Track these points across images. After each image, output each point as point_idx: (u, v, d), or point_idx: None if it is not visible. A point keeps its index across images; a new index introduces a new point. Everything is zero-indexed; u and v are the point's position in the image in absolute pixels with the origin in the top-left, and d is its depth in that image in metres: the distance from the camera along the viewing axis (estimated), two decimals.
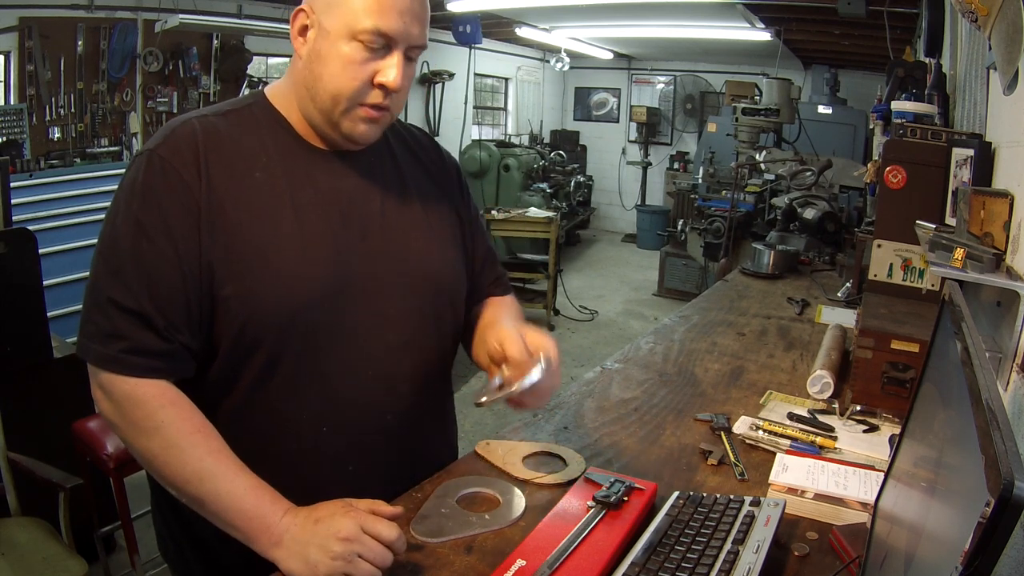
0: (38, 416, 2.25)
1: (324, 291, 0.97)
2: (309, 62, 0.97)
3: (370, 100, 0.97)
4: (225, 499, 0.89)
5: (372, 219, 1.04)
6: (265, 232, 0.95)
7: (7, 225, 2.66)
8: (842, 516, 1.05)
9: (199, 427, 0.92)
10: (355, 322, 1.00)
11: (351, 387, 1.01)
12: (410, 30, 0.96)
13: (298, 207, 0.98)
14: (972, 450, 0.51)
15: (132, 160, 0.97)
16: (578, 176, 8.38)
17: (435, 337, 1.11)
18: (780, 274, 2.76)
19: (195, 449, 0.90)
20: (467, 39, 6.19)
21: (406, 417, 1.07)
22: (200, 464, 0.89)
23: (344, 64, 0.94)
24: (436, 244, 1.11)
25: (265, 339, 0.95)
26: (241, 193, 0.95)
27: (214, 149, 0.96)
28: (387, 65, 0.95)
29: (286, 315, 0.95)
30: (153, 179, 0.93)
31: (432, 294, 1.09)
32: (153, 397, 0.90)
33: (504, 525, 1.00)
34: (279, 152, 1.00)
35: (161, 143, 0.95)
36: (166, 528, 1.12)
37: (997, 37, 1.40)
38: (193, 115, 1.00)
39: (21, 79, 4.24)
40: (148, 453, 0.91)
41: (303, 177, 1.00)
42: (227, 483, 0.90)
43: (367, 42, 0.93)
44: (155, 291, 0.90)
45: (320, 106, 0.98)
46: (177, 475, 0.90)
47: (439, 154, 1.22)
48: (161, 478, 0.92)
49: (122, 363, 0.90)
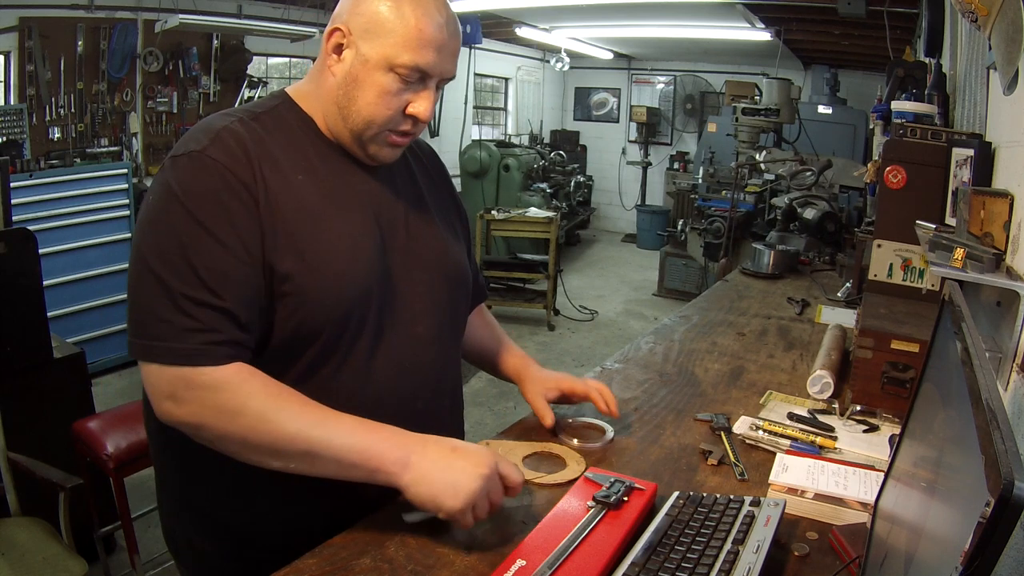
0: (38, 416, 2.25)
1: (371, 288, 1.02)
2: (345, 84, 1.00)
3: (400, 128, 1.02)
4: (337, 440, 0.91)
5: (398, 220, 1.10)
6: (317, 231, 0.98)
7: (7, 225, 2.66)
8: (842, 516, 1.05)
9: (283, 388, 0.93)
10: (392, 316, 1.06)
11: (388, 377, 1.05)
12: (446, 66, 1.01)
13: (340, 207, 1.02)
14: (972, 450, 0.51)
15: (169, 162, 0.95)
16: (578, 176, 8.38)
17: (453, 329, 1.19)
18: (780, 274, 2.76)
19: (290, 407, 0.91)
20: (467, 39, 6.19)
21: (432, 403, 1.13)
22: (300, 418, 0.91)
23: (379, 94, 0.98)
24: (449, 244, 1.18)
25: (319, 334, 0.98)
26: (290, 194, 0.97)
27: (262, 152, 0.97)
28: (420, 98, 1.01)
29: (340, 312, 0.98)
30: (208, 179, 0.92)
31: (450, 290, 1.15)
32: (232, 376, 0.90)
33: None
34: (315, 155, 1.03)
35: (209, 144, 0.94)
36: (179, 524, 1.12)
37: (997, 37, 1.40)
38: (229, 119, 0.99)
39: (21, 79, 4.25)
40: (244, 429, 0.90)
41: (339, 180, 1.04)
42: (333, 425, 0.92)
43: (404, 75, 0.97)
44: (231, 287, 0.91)
45: (352, 127, 1.02)
46: (281, 437, 0.90)
47: (439, 163, 1.29)
48: (264, 450, 0.91)
49: (206, 355, 0.89)
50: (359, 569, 0.90)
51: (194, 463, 1.02)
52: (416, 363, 1.09)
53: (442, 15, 0.99)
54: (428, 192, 1.18)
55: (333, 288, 0.98)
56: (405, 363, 1.07)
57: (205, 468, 1.00)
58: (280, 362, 0.98)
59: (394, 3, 0.96)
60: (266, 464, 0.92)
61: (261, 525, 1.05)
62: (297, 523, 1.03)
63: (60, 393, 2.34)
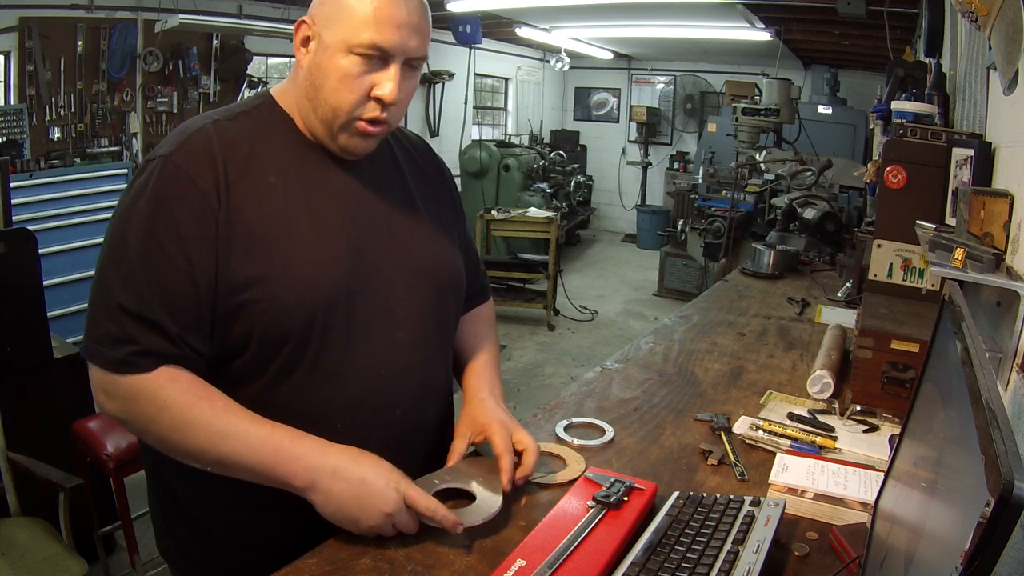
0: (38, 416, 2.25)
1: (341, 292, 1.00)
2: (310, 74, 0.99)
3: (367, 114, 0.99)
4: (244, 457, 0.91)
5: (381, 221, 1.07)
6: (284, 235, 0.97)
7: (7, 225, 2.65)
8: (842, 516, 1.05)
9: (202, 395, 0.93)
10: (368, 321, 1.03)
11: (363, 384, 1.03)
12: (407, 43, 0.97)
13: (313, 209, 1.00)
14: (972, 450, 0.51)
15: (143, 165, 0.97)
16: (578, 176, 8.38)
17: (440, 334, 1.14)
18: (780, 274, 2.75)
19: (203, 415, 0.91)
20: (467, 39, 6.20)
21: (413, 412, 1.09)
22: (210, 430, 0.91)
23: (342, 78, 0.96)
24: (439, 245, 1.14)
25: (285, 340, 0.97)
26: (258, 197, 0.97)
27: (230, 155, 0.96)
28: (384, 79, 0.97)
29: (306, 316, 0.97)
30: (166, 187, 0.93)
31: (437, 294, 1.12)
32: (153, 380, 0.92)
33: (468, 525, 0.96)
34: (291, 155, 1.02)
35: (176, 149, 0.95)
36: (166, 525, 1.12)
37: (997, 37, 1.40)
38: (206, 120, 1.00)
39: (21, 79, 4.24)
40: (160, 434, 0.92)
41: (315, 180, 1.02)
42: (241, 440, 0.92)
43: (363, 55, 0.95)
44: (167, 299, 0.91)
45: (321, 117, 1.00)
46: (193, 446, 0.91)
47: (435, 158, 1.26)
48: (180, 454, 0.93)
49: (131, 364, 0.91)
50: (359, 569, 0.90)
51: (176, 464, 0.99)
52: (395, 370, 1.05)
53: None
54: (419, 190, 1.15)
55: (295, 293, 0.96)
56: (382, 370, 1.04)
57: (187, 470, 0.98)
58: (254, 367, 0.98)
59: None
60: (188, 464, 0.94)
61: (241, 528, 1.05)
62: (279, 526, 1.02)
63: (60, 393, 2.34)
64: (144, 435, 0.96)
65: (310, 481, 0.92)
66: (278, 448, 0.92)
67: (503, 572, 0.86)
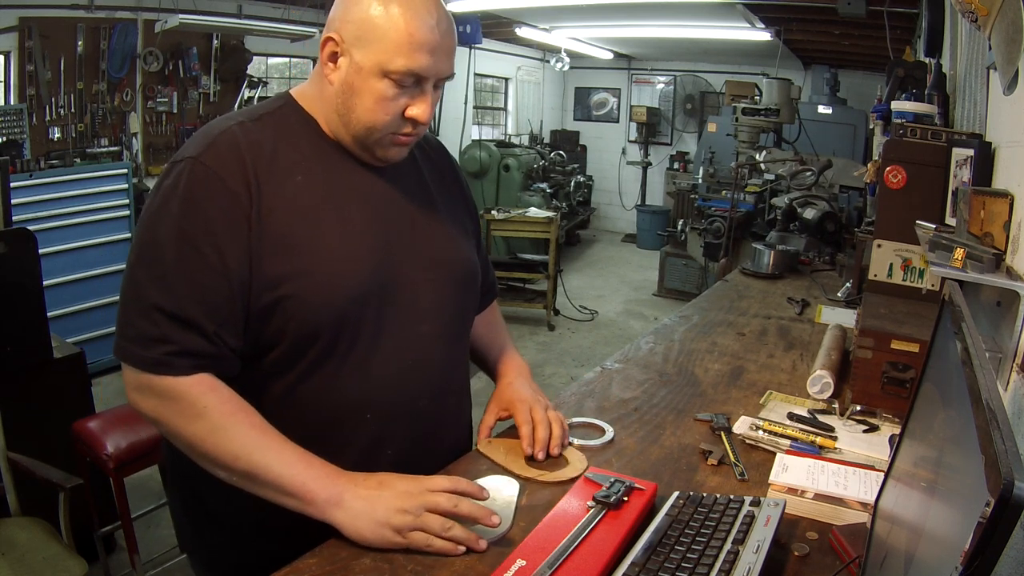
0: (38, 416, 2.25)
1: (370, 287, 1.02)
2: (342, 93, 1.00)
3: (401, 131, 1.02)
4: (276, 468, 0.93)
5: (403, 219, 1.10)
6: (313, 233, 0.99)
7: (7, 225, 2.66)
8: (842, 516, 1.05)
9: (240, 407, 0.95)
10: (394, 315, 1.06)
11: (391, 376, 1.06)
12: (440, 67, 1.00)
13: (339, 208, 1.03)
14: (972, 450, 0.51)
15: (169, 167, 0.98)
16: (578, 176, 8.38)
17: (461, 327, 1.19)
18: (780, 274, 2.75)
19: (240, 426, 0.94)
20: (467, 39, 6.19)
21: (435, 403, 1.13)
22: (246, 439, 0.93)
23: (376, 100, 0.99)
24: (457, 242, 1.18)
25: (317, 335, 0.99)
26: (286, 197, 0.98)
27: (257, 156, 0.98)
28: (418, 101, 1.01)
29: (338, 312, 0.99)
30: (197, 187, 0.94)
31: (457, 288, 1.16)
32: (193, 386, 0.93)
33: (488, 538, 0.95)
34: (315, 155, 1.04)
35: (204, 151, 0.96)
36: (187, 518, 1.13)
37: (997, 37, 1.40)
38: (230, 122, 1.01)
39: (21, 79, 4.24)
40: (195, 438, 0.94)
41: (339, 179, 1.05)
42: (275, 453, 0.94)
43: (398, 80, 0.97)
44: (203, 297, 0.93)
45: (354, 133, 1.02)
46: (226, 453, 0.93)
47: (449, 158, 1.29)
48: (210, 460, 0.94)
49: (167, 365, 0.92)
50: (359, 569, 0.90)
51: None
52: (420, 362, 1.09)
53: (433, 16, 0.98)
54: (436, 189, 1.19)
55: (327, 290, 0.98)
56: (408, 361, 1.07)
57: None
58: (285, 361, 1.00)
59: (383, 8, 0.95)
60: (213, 472, 0.95)
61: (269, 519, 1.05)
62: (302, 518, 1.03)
63: (60, 393, 2.34)
64: (175, 437, 0.96)
65: (337, 495, 0.93)
66: (310, 462, 0.95)
67: (503, 572, 0.86)
